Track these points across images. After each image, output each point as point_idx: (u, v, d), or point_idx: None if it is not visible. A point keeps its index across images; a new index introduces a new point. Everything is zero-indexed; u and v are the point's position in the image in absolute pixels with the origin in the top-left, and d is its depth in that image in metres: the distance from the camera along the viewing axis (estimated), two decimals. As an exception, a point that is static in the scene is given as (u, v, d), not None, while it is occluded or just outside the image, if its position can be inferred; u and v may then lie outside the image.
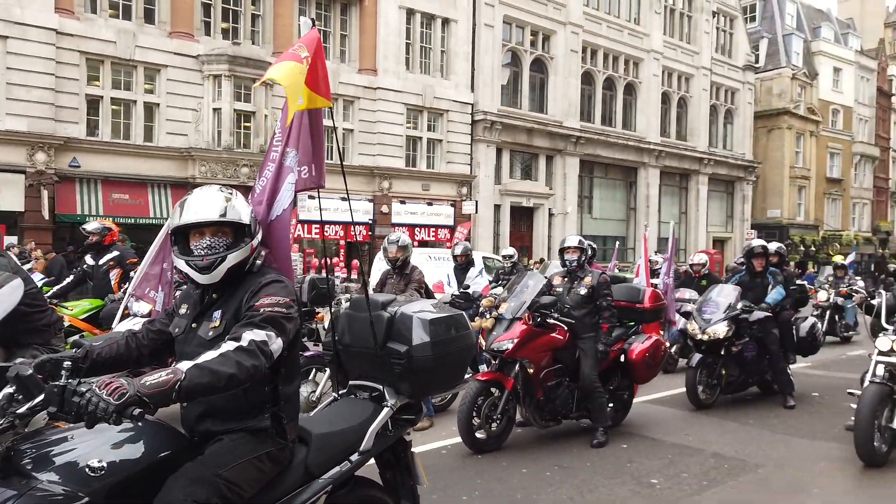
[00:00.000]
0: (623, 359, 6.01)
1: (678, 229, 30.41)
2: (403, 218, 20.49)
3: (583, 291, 5.75)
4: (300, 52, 2.62)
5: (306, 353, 5.69)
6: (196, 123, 16.60)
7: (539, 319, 5.40)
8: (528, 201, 24.02)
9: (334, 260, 19.08)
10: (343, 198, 19.30)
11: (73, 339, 5.31)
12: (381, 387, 2.69)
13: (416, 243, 20.90)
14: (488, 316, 5.50)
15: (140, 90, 16.14)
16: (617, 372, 6.05)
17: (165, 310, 3.41)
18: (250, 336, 2.06)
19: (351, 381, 2.84)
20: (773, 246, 8.05)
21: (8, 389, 1.80)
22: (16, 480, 1.80)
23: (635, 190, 28.36)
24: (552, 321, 5.48)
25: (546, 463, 5.04)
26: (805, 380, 8.65)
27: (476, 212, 21.94)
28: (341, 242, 19.60)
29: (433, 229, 21.45)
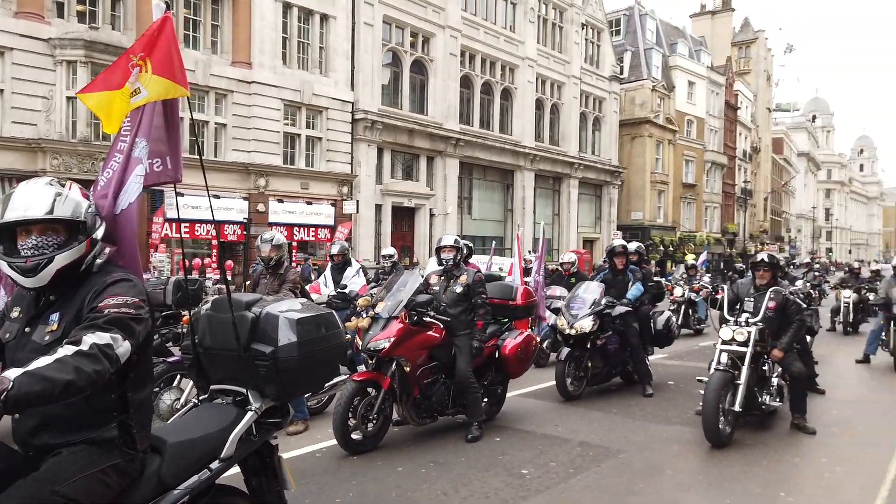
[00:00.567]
0: (497, 354, 6.18)
1: (551, 230, 31.86)
2: (281, 217, 19.88)
3: (459, 290, 5.86)
4: (115, 76, 2.48)
5: (170, 359, 5.38)
6: (47, 112, 15.20)
7: (416, 318, 5.43)
8: (410, 201, 24.14)
9: (206, 260, 18.18)
10: (216, 195, 18.46)
11: None
12: (245, 390, 2.58)
13: (295, 243, 20.48)
14: (364, 315, 5.46)
15: (-20, 75, 14.54)
16: (491, 367, 6.21)
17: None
18: (92, 339, 1.89)
19: (212, 386, 2.70)
20: (633, 245, 8.62)
21: None
22: None
23: (512, 192, 29.32)
24: (428, 319, 5.54)
25: (422, 460, 5.07)
26: (662, 369, 9.33)
27: (357, 211, 21.72)
28: (214, 242, 18.68)
29: (313, 229, 20.99)
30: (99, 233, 2.21)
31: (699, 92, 43.67)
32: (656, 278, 9.27)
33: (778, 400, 6.33)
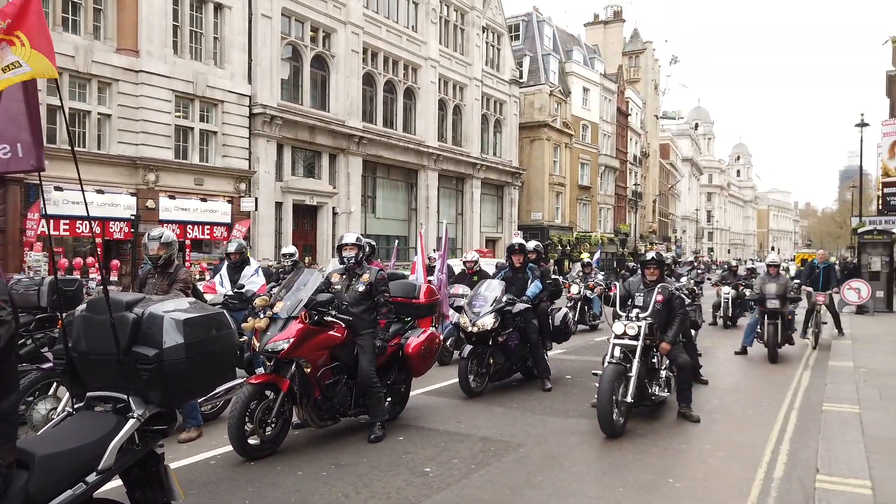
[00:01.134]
0: (400, 353, 6.13)
1: (454, 230, 32.21)
2: (174, 214, 18.90)
3: (361, 288, 5.77)
4: None
5: (44, 366, 4.95)
6: None
7: (316, 318, 5.29)
8: (312, 200, 23.63)
9: (90, 260, 16.96)
10: (99, 190, 17.29)
11: None
12: (127, 396, 2.38)
13: (189, 242, 19.52)
14: (262, 315, 5.25)
15: None
16: (394, 366, 6.16)
17: None
18: None
19: (89, 393, 2.48)
20: (531, 244, 8.83)
21: None
22: None
23: (416, 191, 29.38)
24: (330, 319, 5.41)
25: (323, 463, 4.94)
26: (560, 364, 9.62)
27: (256, 209, 21.02)
28: (98, 241, 17.45)
29: (208, 227, 20.07)
30: None
31: (593, 98, 45.61)
32: (554, 276, 9.54)
33: (666, 391, 6.68)
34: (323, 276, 5.92)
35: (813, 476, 4.56)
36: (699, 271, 19.49)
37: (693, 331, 9.22)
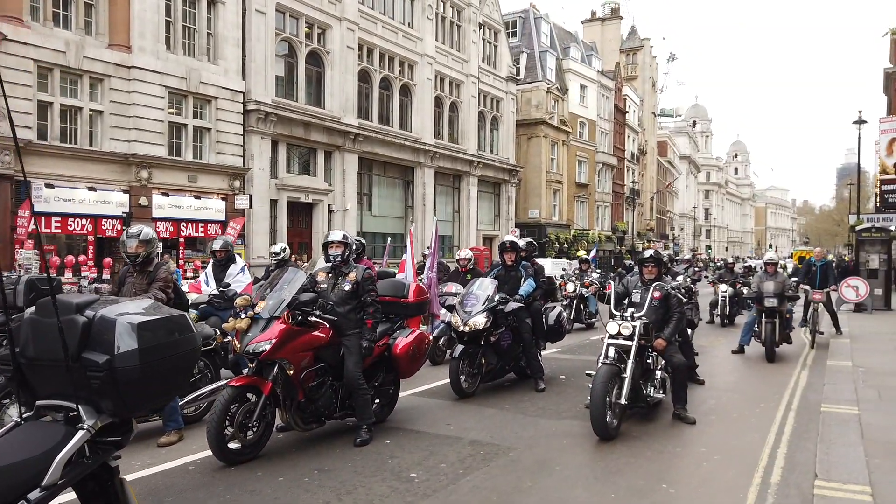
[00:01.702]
0: (388, 354, 5.98)
1: (451, 227, 32.05)
2: (167, 212, 18.74)
3: (347, 287, 5.61)
4: None
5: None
6: None
7: (300, 318, 5.13)
8: (307, 197, 23.45)
9: (81, 258, 16.78)
10: (91, 187, 17.11)
11: None
12: (77, 405, 2.22)
13: (183, 239, 19.35)
14: (243, 316, 5.08)
15: None
16: (382, 367, 6.01)
17: None
18: None
19: (38, 402, 2.31)
20: (523, 242, 8.67)
21: None
22: None
23: (412, 189, 29.22)
24: (314, 319, 5.25)
25: (306, 468, 4.79)
26: (555, 364, 9.48)
27: (250, 206, 20.87)
28: (90, 238, 17.29)
29: (202, 224, 19.89)
30: None
31: (591, 95, 45.44)
32: (549, 274, 9.39)
33: (661, 392, 6.53)
34: (308, 275, 5.76)
35: (811, 481, 4.41)
36: (696, 269, 19.35)
37: (689, 330, 9.07)
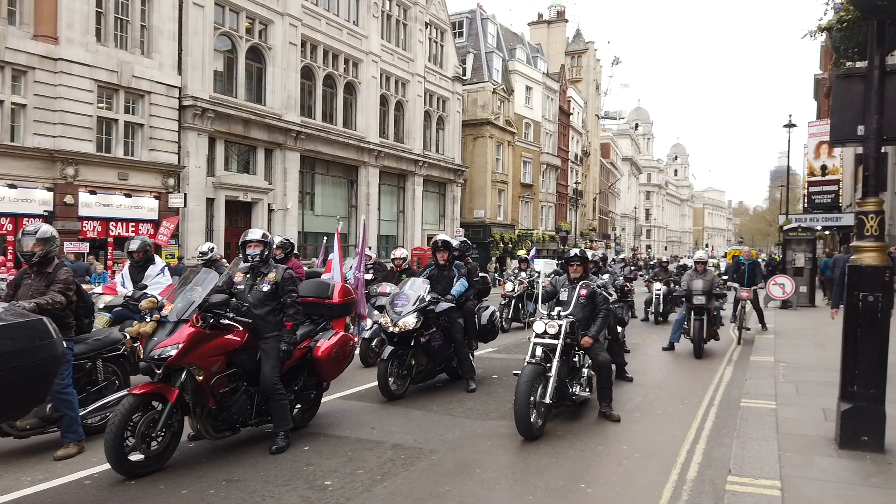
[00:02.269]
0: (310, 357, 5.80)
1: (396, 227, 31.85)
2: (95, 210, 17.95)
3: (266, 288, 5.40)
4: None
5: None
6: None
7: (211, 320, 4.90)
8: (246, 196, 22.87)
9: (0, 259, 15.91)
10: (11, 185, 16.23)
11: None
12: None
13: (112, 239, 18.57)
14: (149, 319, 4.81)
15: None
16: (303, 371, 5.82)
17: None
18: None
19: None
20: (456, 241, 8.60)
21: None
22: None
23: (356, 188, 28.88)
24: (227, 322, 5.02)
25: (214, 478, 4.57)
26: (488, 363, 9.45)
27: (185, 205, 20.20)
28: (9, 238, 16.40)
29: (133, 224, 19.13)
30: None
31: (536, 97, 45.93)
32: (483, 273, 9.34)
33: (588, 390, 6.56)
34: (226, 275, 5.52)
35: (725, 477, 4.46)
36: (632, 268, 19.72)
37: (619, 328, 9.18)
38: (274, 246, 7.35)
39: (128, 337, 5.88)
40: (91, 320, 5.71)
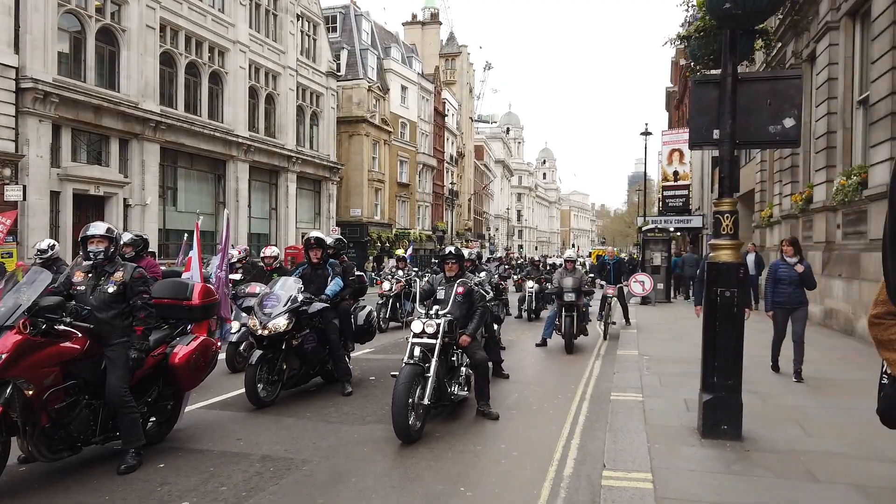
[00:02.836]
0: (166, 364, 5.24)
1: (268, 225, 30.59)
2: None
3: (111, 289, 4.80)
4: None
5: None
6: None
7: (43, 326, 4.26)
8: (98, 189, 20.90)
9: None
10: None
11: None
12: None
13: (-69, 237, 16.24)
14: (-35, 327, 4.09)
15: None
16: (158, 380, 5.26)
17: None
18: None
19: None
20: (330, 239, 8.26)
21: None
22: None
23: (224, 183, 27.40)
24: (63, 327, 4.39)
25: (46, 508, 3.97)
26: (365, 365, 9.18)
27: (24, 199, 18.10)
28: None
29: (-41, 219, 16.86)
30: None
31: (411, 97, 46.06)
32: (358, 272, 9.06)
33: (466, 389, 6.50)
34: (51, 276, 4.85)
35: (600, 472, 4.51)
36: (506, 267, 20.20)
37: (496, 325, 9.26)
38: (122, 242, 6.66)
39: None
40: None
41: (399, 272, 14.43)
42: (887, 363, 2.57)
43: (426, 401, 5.58)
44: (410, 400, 5.43)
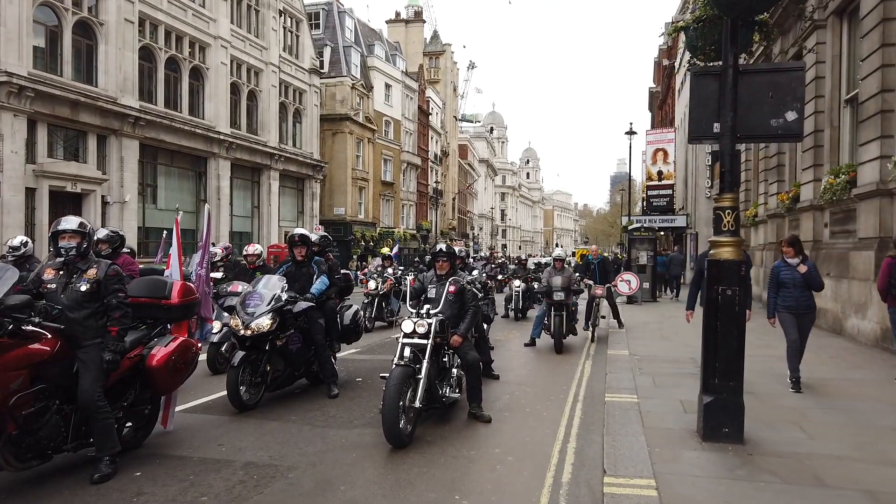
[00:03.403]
0: (143, 366, 4.97)
1: (250, 224, 30.16)
2: None
3: (84, 287, 4.52)
4: None
5: None
6: None
7: (10, 327, 3.98)
8: (75, 186, 20.42)
9: None
10: None
11: None
12: None
13: None
14: (-78, 327, 3.81)
15: None
16: (135, 383, 4.99)
17: None
18: None
19: None
20: (315, 236, 8.02)
21: None
22: None
23: (206, 181, 26.96)
24: (31, 328, 4.12)
25: (12, 522, 3.71)
26: (352, 365, 8.94)
27: (-2, 196, 17.64)
28: None
29: (-72, 216, 16.35)
30: None
31: (395, 95, 45.76)
32: (345, 270, 8.81)
33: (458, 391, 6.29)
34: (21, 274, 4.57)
35: (600, 478, 4.33)
36: (493, 266, 20.02)
37: (486, 325, 9.06)
38: (95, 238, 6.36)
39: None
40: None
41: (388, 270, 14.18)
42: None
43: (417, 403, 5.36)
44: (401, 403, 5.22)
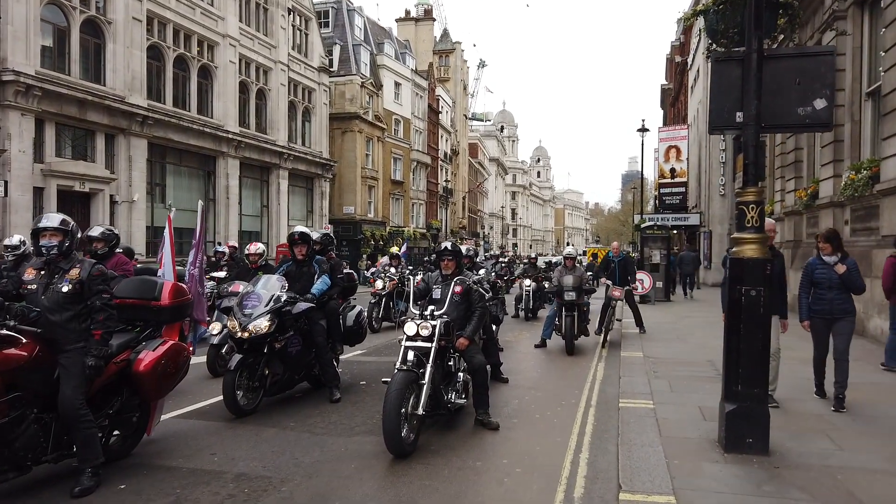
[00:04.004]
0: (130, 372, 4.71)
1: (259, 223, 30.01)
2: None
3: (66, 288, 4.27)
4: None
5: None
6: None
7: (-17, 331, 3.74)
8: (83, 185, 20.30)
9: None
10: None
11: None
12: None
13: None
14: None
15: None
16: (122, 389, 4.74)
17: None
18: None
19: None
20: (316, 234, 7.75)
21: None
22: None
23: (214, 180, 26.81)
24: (6, 332, 3.87)
25: (-18, 541, 3.46)
26: (356, 367, 8.68)
27: (6, 195, 17.54)
28: None
29: (-65, 216, 16.28)
30: None
31: (405, 93, 45.49)
32: (347, 270, 8.54)
33: (464, 396, 5.99)
34: (14, 274, 4.33)
35: (615, 493, 4.02)
36: (502, 265, 19.70)
37: (494, 326, 8.76)
38: (89, 236, 6.13)
39: None
40: None
41: (392, 269, 13.89)
42: None
43: (420, 410, 5.07)
44: (403, 409, 4.93)
